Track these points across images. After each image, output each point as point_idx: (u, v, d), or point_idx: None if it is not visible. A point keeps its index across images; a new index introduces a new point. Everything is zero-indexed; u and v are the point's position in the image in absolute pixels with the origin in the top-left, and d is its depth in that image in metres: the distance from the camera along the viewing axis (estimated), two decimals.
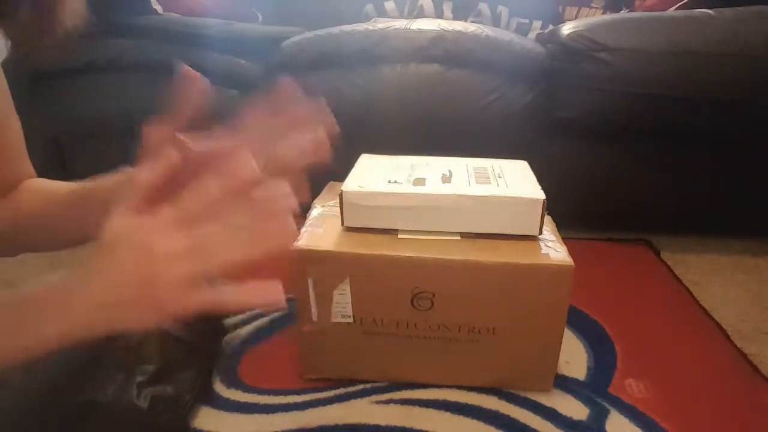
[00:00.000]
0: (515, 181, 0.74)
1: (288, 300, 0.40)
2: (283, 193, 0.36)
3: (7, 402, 0.52)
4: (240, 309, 0.36)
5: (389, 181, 0.72)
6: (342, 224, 0.72)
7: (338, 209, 0.71)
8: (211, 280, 0.39)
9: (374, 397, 0.74)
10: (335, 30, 1.19)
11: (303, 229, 0.72)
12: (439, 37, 1.12)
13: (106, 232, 0.39)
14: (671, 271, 1.09)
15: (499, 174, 0.76)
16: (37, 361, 0.44)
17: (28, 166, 0.58)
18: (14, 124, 0.55)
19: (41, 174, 0.60)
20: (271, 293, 0.38)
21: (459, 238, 0.71)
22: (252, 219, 0.37)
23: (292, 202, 0.36)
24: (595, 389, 0.76)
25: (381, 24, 1.21)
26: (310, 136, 0.44)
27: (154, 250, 0.38)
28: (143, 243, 0.38)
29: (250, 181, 0.36)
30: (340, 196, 0.70)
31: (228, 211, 0.37)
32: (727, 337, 0.88)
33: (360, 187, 0.71)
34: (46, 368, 0.56)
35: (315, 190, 0.84)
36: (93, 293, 0.39)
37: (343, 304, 0.70)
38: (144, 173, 0.38)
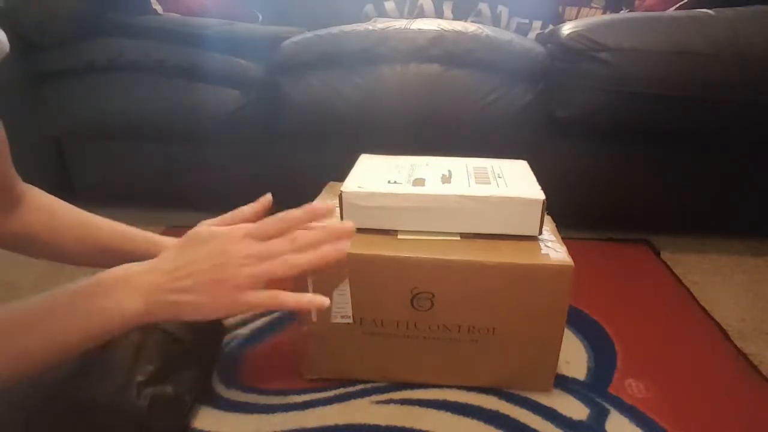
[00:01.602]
0: (515, 181, 0.74)
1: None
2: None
3: (7, 402, 0.52)
4: (291, 308, 0.58)
5: (389, 182, 0.72)
6: None
7: (338, 209, 0.71)
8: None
9: (374, 397, 0.74)
10: (335, 30, 1.19)
11: None
12: (439, 37, 1.12)
13: (190, 233, 0.49)
14: (671, 271, 1.09)
15: (498, 174, 0.76)
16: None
17: (13, 171, 0.58)
18: None
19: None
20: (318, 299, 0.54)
21: (459, 238, 0.71)
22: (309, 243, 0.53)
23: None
24: (595, 389, 0.76)
25: (381, 24, 1.21)
26: None
27: (228, 250, 0.47)
28: (220, 244, 0.47)
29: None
30: (340, 196, 0.70)
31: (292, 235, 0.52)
32: (727, 337, 0.88)
33: (360, 187, 0.71)
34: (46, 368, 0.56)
35: (315, 190, 0.84)
36: (163, 278, 0.46)
37: (342, 304, 0.70)
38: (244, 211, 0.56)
